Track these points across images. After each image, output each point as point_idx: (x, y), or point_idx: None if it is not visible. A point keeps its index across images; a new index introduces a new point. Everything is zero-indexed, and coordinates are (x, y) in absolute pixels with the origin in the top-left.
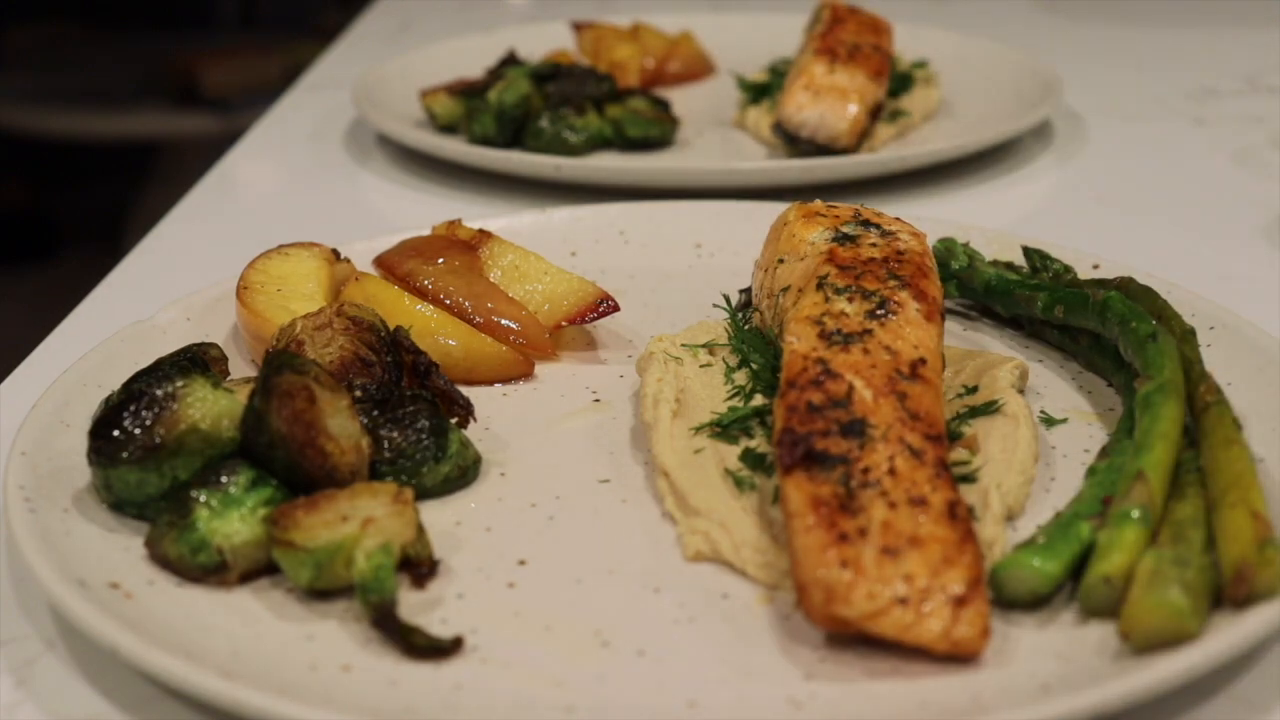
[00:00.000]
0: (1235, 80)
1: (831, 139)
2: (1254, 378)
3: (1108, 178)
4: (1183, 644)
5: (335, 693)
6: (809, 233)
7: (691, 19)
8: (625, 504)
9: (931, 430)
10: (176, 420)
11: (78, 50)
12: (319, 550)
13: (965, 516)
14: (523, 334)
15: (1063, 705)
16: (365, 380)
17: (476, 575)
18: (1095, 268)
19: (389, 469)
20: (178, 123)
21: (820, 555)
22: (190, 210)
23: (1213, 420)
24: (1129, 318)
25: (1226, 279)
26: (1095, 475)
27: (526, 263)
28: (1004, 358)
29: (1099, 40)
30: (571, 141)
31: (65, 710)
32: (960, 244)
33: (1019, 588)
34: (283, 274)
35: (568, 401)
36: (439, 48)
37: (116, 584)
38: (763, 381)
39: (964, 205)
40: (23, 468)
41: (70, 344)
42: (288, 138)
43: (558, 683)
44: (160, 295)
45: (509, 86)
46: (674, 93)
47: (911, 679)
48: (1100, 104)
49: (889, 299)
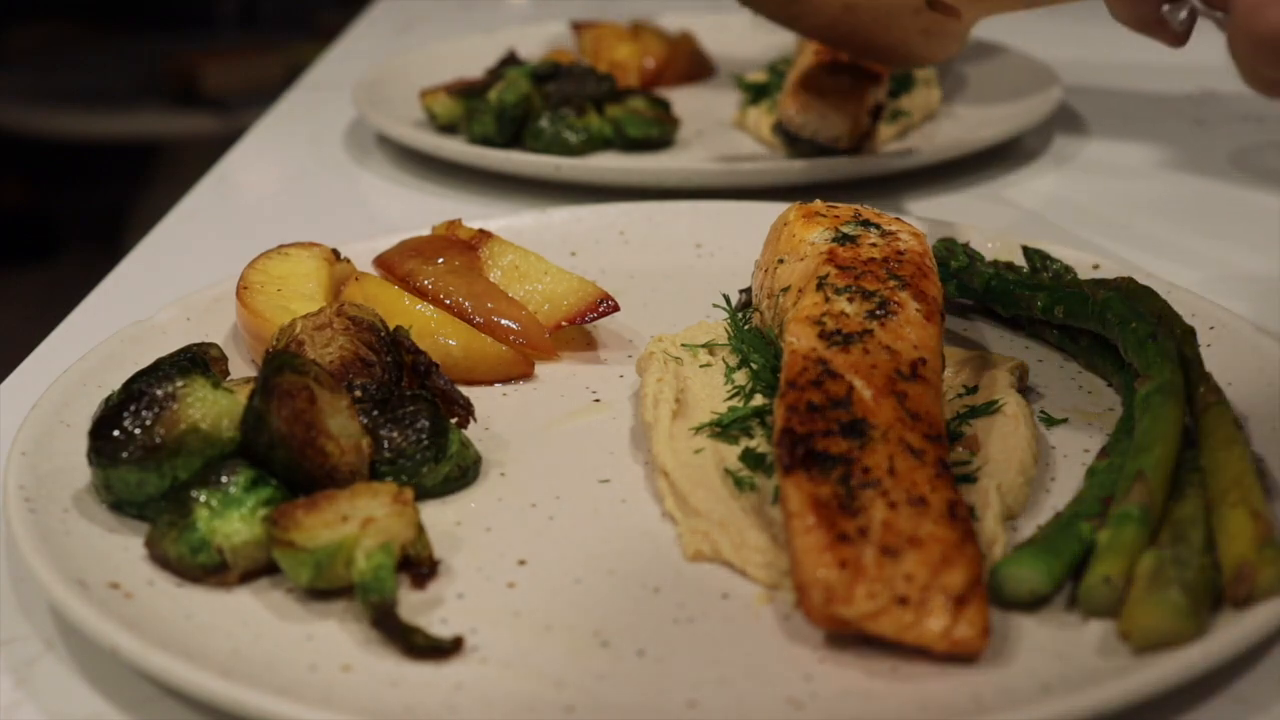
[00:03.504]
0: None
1: (832, 139)
2: (1254, 378)
3: (1108, 178)
4: (1183, 644)
5: (335, 693)
6: (809, 233)
7: (691, 19)
8: (625, 504)
9: (931, 430)
10: (176, 420)
11: (78, 50)
12: (319, 550)
13: (965, 516)
14: (523, 334)
15: (1063, 705)
16: (365, 380)
17: (476, 575)
18: (1095, 268)
19: (389, 469)
20: (178, 123)
21: (820, 555)
22: (190, 210)
23: (1213, 420)
24: (1129, 318)
25: (1226, 279)
26: (1095, 475)
27: (526, 263)
28: (1004, 358)
29: (1099, 40)
30: (571, 141)
31: (65, 710)
32: (960, 244)
33: (1019, 588)
34: (283, 274)
35: (568, 401)
36: (439, 48)
37: (116, 584)
38: (763, 381)
39: (964, 205)
40: (23, 468)
41: (70, 344)
42: (288, 138)
43: (558, 683)
44: (160, 295)
45: (509, 86)
46: (674, 93)
47: (911, 679)
48: (1100, 104)
49: (889, 299)
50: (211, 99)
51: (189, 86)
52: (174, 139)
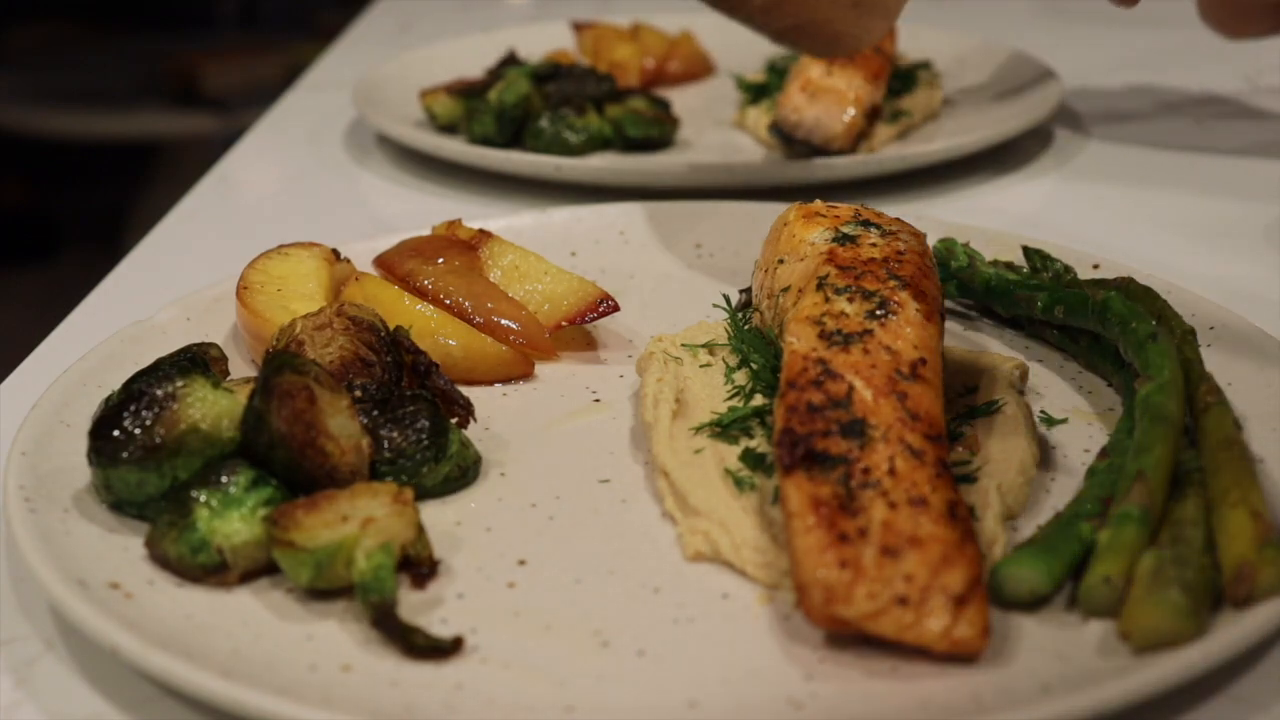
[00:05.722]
0: (1235, 80)
1: (827, 140)
2: (1254, 378)
3: (1108, 178)
4: (1183, 644)
5: (335, 693)
6: (809, 233)
7: (691, 19)
8: (625, 504)
9: (931, 430)
10: (176, 420)
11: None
12: (319, 550)
13: (965, 516)
14: (523, 334)
15: (1063, 705)
16: (365, 380)
17: (476, 575)
18: (1095, 268)
19: (389, 469)
20: (178, 123)
21: (820, 555)
22: (190, 210)
23: (1213, 420)
24: (1129, 318)
25: (1226, 279)
26: (1095, 475)
27: (526, 263)
28: (1004, 358)
29: (1099, 40)
30: (571, 141)
31: (65, 710)
32: (960, 244)
33: (1019, 588)
34: (283, 274)
35: (568, 401)
36: (439, 48)
37: (116, 584)
38: (763, 381)
39: (964, 205)
40: (23, 468)
41: (70, 344)
42: (288, 138)
43: (558, 683)
44: (160, 295)
45: (509, 86)
46: (674, 93)
47: (911, 679)
48: (1100, 104)
49: (889, 299)
50: (211, 99)
51: (189, 86)
52: (174, 139)
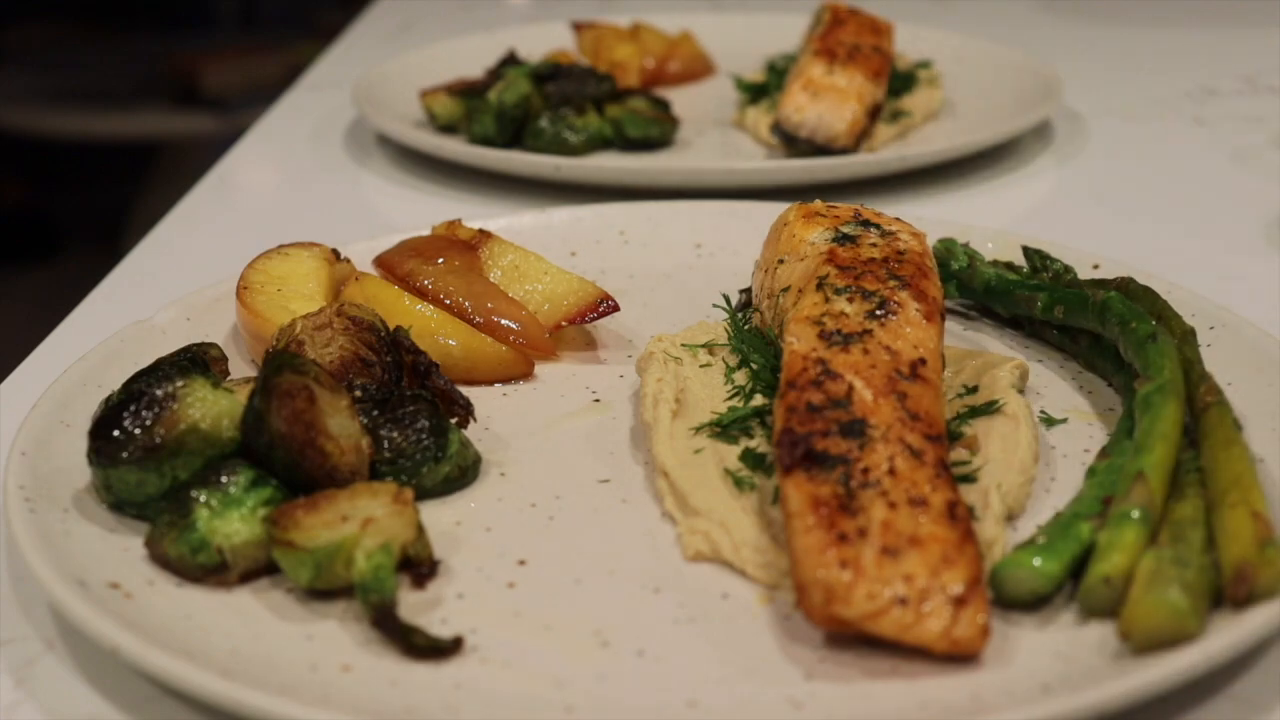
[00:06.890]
0: (1235, 80)
1: (829, 139)
2: (1254, 378)
3: (1108, 178)
4: (1183, 644)
5: (335, 693)
6: (809, 233)
7: (691, 19)
8: (625, 504)
9: (931, 430)
10: (176, 420)
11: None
12: (319, 550)
13: (965, 516)
14: (523, 334)
15: (1063, 705)
16: (365, 380)
17: (476, 575)
18: (1095, 268)
19: (389, 469)
20: (178, 123)
21: (820, 555)
22: (190, 210)
23: (1213, 420)
24: (1129, 318)
25: (1226, 279)
26: (1095, 475)
27: (526, 263)
28: (1004, 358)
29: (1099, 40)
30: (571, 141)
31: (65, 710)
32: (960, 244)
33: (1019, 588)
34: (283, 274)
35: (568, 401)
36: (439, 48)
37: (116, 584)
38: (763, 381)
39: (964, 205)
40: (23, 468)
41: (70, 344)
42: (288, 138)
43: (558, 683)
44: (160, 295)
45: (509, 86)
46: (674, 93)
47: (911, 679)
48: (1100, 104)
49: (889, 299)
50: (211, 99)
51: (189, 86)
52: (174, 139)
